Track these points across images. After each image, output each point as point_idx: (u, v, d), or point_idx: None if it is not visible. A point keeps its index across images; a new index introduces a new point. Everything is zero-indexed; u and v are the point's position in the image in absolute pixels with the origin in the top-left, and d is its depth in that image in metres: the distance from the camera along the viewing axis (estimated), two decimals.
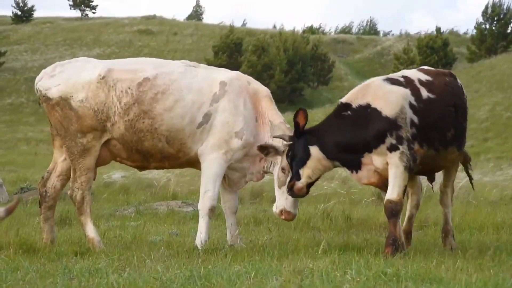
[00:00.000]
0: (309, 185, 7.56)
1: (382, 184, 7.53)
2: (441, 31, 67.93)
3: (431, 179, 8.29)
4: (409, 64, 55.05)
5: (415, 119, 7.49)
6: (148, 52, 67.44)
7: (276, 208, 7.88)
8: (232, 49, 60.48)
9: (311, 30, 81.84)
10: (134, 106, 7.61)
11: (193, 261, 6.59)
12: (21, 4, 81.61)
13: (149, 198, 13.92)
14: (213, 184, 7.72)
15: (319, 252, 7.07)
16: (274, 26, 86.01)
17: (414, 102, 7.53)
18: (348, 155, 7.49)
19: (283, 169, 7.74)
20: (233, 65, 57.02)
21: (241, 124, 7.78)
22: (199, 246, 7.54)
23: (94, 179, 7.97)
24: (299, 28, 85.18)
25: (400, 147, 7.30)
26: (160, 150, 7.74)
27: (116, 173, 19.12)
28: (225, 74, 8.08)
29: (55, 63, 8.08)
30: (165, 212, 11.71)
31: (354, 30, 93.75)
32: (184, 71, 7.91)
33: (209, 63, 58.29)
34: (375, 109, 7.38)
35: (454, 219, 9.09)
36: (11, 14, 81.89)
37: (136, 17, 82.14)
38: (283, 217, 7.84)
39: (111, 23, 78.79)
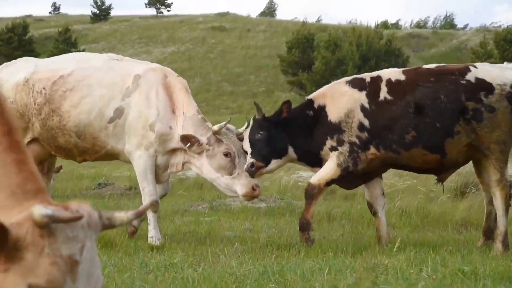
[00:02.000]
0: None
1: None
2: None
3: (439, 179, 8.01)
4: (487, 58, 53.71)
5: (366, 122, 7.59)
6: (221, 48, 67.97)
7: (240, 191, 7.74)
8: (305, 45, 60.26)
9: (385, 25, 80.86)
10: (45, 106, 7.86)
11: (266, 257, 6.60)
12: (99, 3, 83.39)
13: (223, 194, 14.02)
14: (147, 181, 7.77)
15: (395, 249, 6.98)
16: (350, 22, 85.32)
17: (366, 105, 7.63)
18: (310, 157, 7.89)
19: (226, 154, 7.69)
20: (306, 61, 56.88)
21: (153, 117, 7.76)
22: (153, 241, 7.62)
23: (52, 170, 8.65)
24: (373, 23, 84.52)
25: (340, 148, 7.61)
26: (75, 145, 7.92)
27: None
28: (141, 67, 8.07)
29: (2, 64, 8.41)
30: (238, 208, 11.77)
31: (430, 24, 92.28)
32: (102, 65, 7.96)
33: (282, 59, 58.39)
34: (326, 112, 7.75)
35: None
36: (90, 14, 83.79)
37: (210, 14, 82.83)
38: (256, 193, 7.75)
39: (185, 21, 79.67)
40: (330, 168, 7.67)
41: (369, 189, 8.06)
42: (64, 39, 60.37)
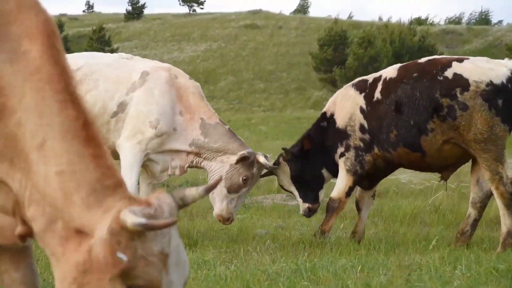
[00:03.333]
0: None
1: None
2: None
3: (442, 177, 7.90)
4: None
5: (365, 124, 7.65)
6: (254, 46, 68.01)
7: (217, 210, 7.70)
8: (337, 42, 60.07)
9: (418, 21, 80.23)
10: None
11: (299, 255, 6.60)
12: (134, 1, 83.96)
13: (255, 191, 14.01)
14: (130, 174, 7.57)
15: (430, 248, 6.93)
16: (380, 18, 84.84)
17: (364, 107, 7.68)
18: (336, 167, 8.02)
19: (245, 180, 7.62)
20: (338, 58, 56.68)
21: (156, 114, 7.63)
22: None
23: None
24: (406, 19, 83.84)
25: (346, 153, 7.73)
26: None
27: None
28: (150, 64, 7.98)
29: None
30: (270, 206, 11.77)
31: (465, 20, 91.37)
32: (112, 62, 7.89)
33: (314, 57, 58.27)
34: (334, 119, 7.92)
35: None
36: (123, 12, 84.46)
37: (242, 12, 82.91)
38: (227, 222, 7.74)
39: (217, 18, 79.88)
40: (342, 177, 7.82)
41: (361, 189, 8.20)
42: (98, 37, 60.87)
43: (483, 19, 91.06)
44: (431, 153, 7.39)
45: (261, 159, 7.59)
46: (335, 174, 8.08)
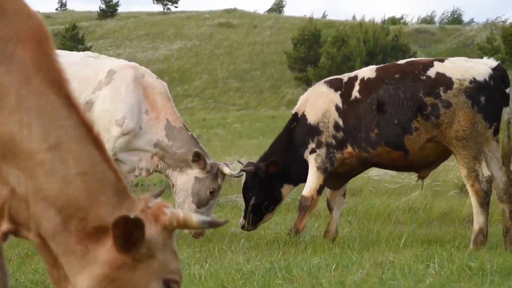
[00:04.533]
0: None
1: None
2: None
3: (420, 176, 7.99)
4: (494, 53, 53.53)
5: (340, 122, 7.67)
6: (228, 44, 67.94)
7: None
8: (311, 41, 60.22)
9: (391, 21, 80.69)
10: None
11: (273, 253, 6.61)
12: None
13: (228, 190, 14.01)
14: None
15: (401, 245, 6.98)
16: (354, 17, 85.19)
17: (340, 105, 7.72)
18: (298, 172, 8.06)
19: (212, 192, 7.61)
20: (312, 57, 56.82)
21: (122, 112, 7.57)
22: None
23: None
24: (379, 19, 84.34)
25: (317, 150, 7.73)
26: None
27: None
28: (117, 63, 7.94)
29: None
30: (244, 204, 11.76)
31: (437, 20, 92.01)
32: (78, 61, 7.81)
33: (288, 56, 58.35)
34: (305, 116, 7.90)
35: None
36: (96, 10, 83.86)
37: (217, 11, 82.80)
38: (201, 236, 7.72)
39: (192, 17, 79.67)
40: (313, 175, 7.82)
41: (332, 188, 8.24)
42: (71, 35, 60.45)
43: (455, 18, 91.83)
44: (414, 152, 7.47)
45: (226, 170, 7.58)
46: (298, 180, 8.17)
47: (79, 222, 2.56)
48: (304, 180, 8.01)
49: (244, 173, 8.12)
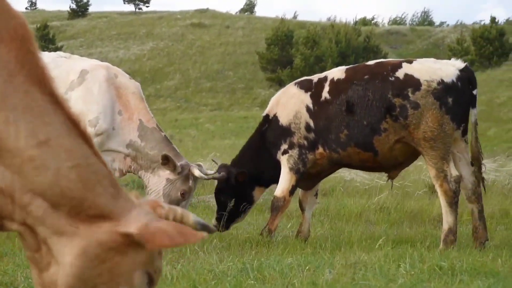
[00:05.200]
0: None
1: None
2: (496, 21, 66.56)
3: (390, 176, 8.08)
4: (464, 55, 54.11)
5: (311, 123, 7.73)
6: (201, 45, 67.80)
7: None
8: (284, 42, 60.34)
9: (363, 21, 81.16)
10: None
11: (245, 254, 6.61)
12: None
13: (201, 190, 14.01)
14: None
15: (376, 246, 7.02)
16: (329, 19, 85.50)
17: (310, 106, 7.78)
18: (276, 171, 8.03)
19: (183, 194, 7.56)
20: (285, 58, 56.92)
21: (95, 113, 7.52)
22: None
23: None
24: (351, 20, 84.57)
25: (290, 151, 7.79)
26: None
27: None
28: (89, 63, 7.89)
29: None
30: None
31: (408, 21, 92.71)
32: (50, 61, 7.69)
33: (261, 56, 58.39)
34: (277, 117, 7.95)
35: None
36: (67, 10, 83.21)
37: (189, 11, 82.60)
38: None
39: (164, 17, 79.39)
40: (285, 175, 7.85)
41: (304, 189, 8.29)
42: (42, 35, 59.88)
43: (425, 19, 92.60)
44: (383, 152, 7.52)
45: (196, 172, 7.49)
46: (270, 182, 8.23)
47: (73, 209, 2.59)
48: (275, 181, 8.03)
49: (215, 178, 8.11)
